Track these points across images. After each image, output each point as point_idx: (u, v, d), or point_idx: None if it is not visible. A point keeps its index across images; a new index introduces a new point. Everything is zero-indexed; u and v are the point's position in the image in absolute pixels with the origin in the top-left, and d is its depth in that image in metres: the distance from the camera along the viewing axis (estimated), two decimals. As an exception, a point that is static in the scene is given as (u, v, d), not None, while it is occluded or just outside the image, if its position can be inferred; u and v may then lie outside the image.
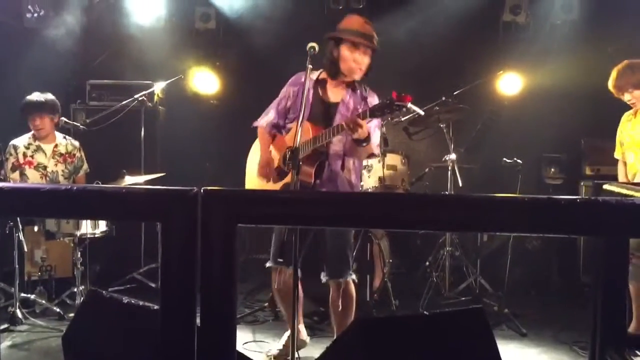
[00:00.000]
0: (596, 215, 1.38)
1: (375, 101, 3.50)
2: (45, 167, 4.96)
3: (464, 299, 4.98)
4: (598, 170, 5.61)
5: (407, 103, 3.04)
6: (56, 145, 5.02)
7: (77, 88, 5.95)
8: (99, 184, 4.31)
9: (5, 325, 4.21)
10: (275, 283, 3.65)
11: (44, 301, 4.56)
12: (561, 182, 5.89)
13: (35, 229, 4.64)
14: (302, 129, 3.13)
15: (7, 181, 4.62)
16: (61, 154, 5.03)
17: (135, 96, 5.38)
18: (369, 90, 3.61)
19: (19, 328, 4.25)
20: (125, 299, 1.94)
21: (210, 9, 6.22)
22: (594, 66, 5.50)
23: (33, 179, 4.90)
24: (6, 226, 4.26)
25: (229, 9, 6.16)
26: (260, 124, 3.70)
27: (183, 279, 1.39)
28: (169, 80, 5.63)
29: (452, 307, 4.45)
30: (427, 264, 5.39)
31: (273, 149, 3.64)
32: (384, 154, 4.63)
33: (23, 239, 4.30)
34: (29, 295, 4.54)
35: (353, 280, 3.63)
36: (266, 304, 4.71)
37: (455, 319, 1.93)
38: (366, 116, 3.16)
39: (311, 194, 2.11)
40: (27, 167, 4.92)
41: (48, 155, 4.98)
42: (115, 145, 5.51)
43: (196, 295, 1.39)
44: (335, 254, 3.53)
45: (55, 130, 5.05)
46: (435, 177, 5.46)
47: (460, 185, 4.88)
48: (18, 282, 4.29)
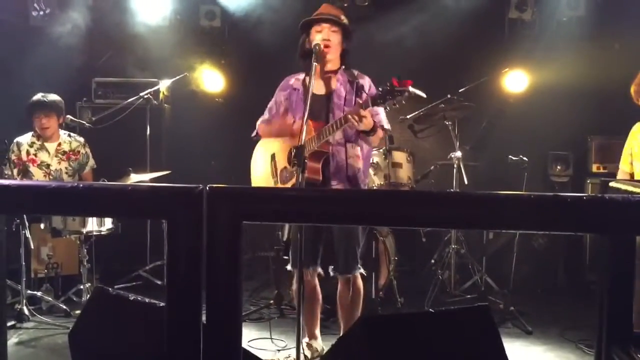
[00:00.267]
0: (602, 213, 1.37)
1: (366, 81, 3.56)
2: (48, 166, 4.97)
3: (469, 296, 4.97)
4: (604, 167, 5.60)
5: (409, 87, 3.04)
6: (59, 144, 5.03)
7: (83, 86, 5.95)
8: (104, 181, 4.32)
9: (12, 323, 4.22)
10: (294, 285, 3.67)
11: (50, 298, 4.58)
12: (567, 180, 5.88)
13: (42, 226, 4.65)
14: (306, 127, 3.14)
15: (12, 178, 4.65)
16: (64, 152, 5.04)
17: (141, 94, 5.40)
18: (358, 73, 3.61)
19: (25, 325, 4.27)
20: (131, 296, 1.95)
21: (215, 7, 6.23)
22: (601, 63, 5.49)
23: (37, 176, 4.92)
24: (12, 224, 4.27)
25: (234, 7, 6.16)
26: (258, 131, 3.77)
27: (189, 276, 1.40)
28: (175, 78, 5.65)
29: (458, 305, 4.44)
30: (433, 261, 5.39)
31: (278, 150, 3.64)
32: (389, 151, 4.64)
33: (29, 236, 4.32)
34: (35, 292, 4.56)
35: (361, 274, 3.64)
36: (272, 302, 4.72)
37: (461, 317, 1.93)
38: (368, 105, 3.17)
39: (317, 191, 2.10)
40: (31, 165, 4.94)
41: (51, 154, 4.99)
42: (120, 143, 5.52)
43: (202, 293, 1.40)
44: (344, 250, 3.53)
45: (59, 130, 5.06)
46: (440, 175, 5.46)
47: (466, 182, 4.87)
48: (24, 280, 4.31)
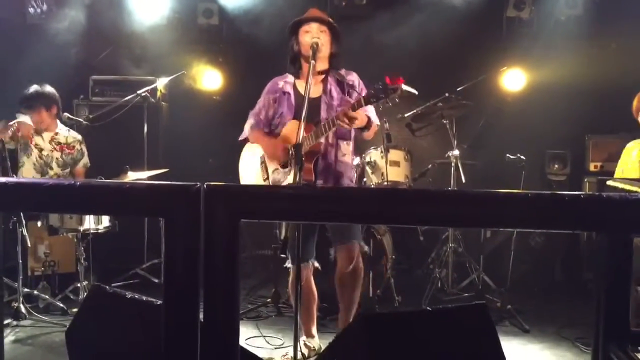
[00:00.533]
0: (600, 211, 1.37)
1: (355, 78, 3.61)
2: (41, 150, 4.98)
3: (466, 295, 4.98)
4: (602, 166, 5.60)
5: (401, 85, 3.05)
6: (56, 133, 5.04)
7: (80, 84, 5.94)
8: (101, 179, 4.31)
9: (8, 320, 4.21)
10: (291, 282, 3.67)
11: (47, 296, 4.57)
12: (565, 179, 5.88)
13: (39, 224, 4.64)
14: (294, 127, 3.18)
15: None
16: (59, 143, 5.04)
17: (138, 92, 5.38)
18: (345, 71, 3.64)
19: (22, 323, 4.26)
20: (129, 294, 1.94)
21: (213, 5, 6.22)
22: (598, 62, 5.49)
23: (33, 155, 4.94)
24: (9, 221, 4.26)
25: (232, 5, 6.15)
26: (245, 134, 3.79)
27: (186, 275, 1.39)
28: (172, 76, 5.64)
29: (455, 304, 4.45)
30: (430, 260, 5.40)
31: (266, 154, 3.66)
32: (387, 150, 4.63)
33: (26, 234, 4.30)
34: (32, 290, 4.56)
35: (366, 253, 3.61)
36: (269, 300, 4.72)
37: (459, 315, 1.93)
38: (361, 105, 3.19)
39: (314, 189, 2.10)
40: (30, 143, 4.94)
41: (45, 140, 5.00)
42: (118, 141, 5.51)
43: (199, 291, 1.40)
44: (341, 225, 3.51)
45: (57, 122, 5.06)
46: (438, 173, 5.45)
47: (464, 181, 4.87)
48: (21, 278, 4.30)
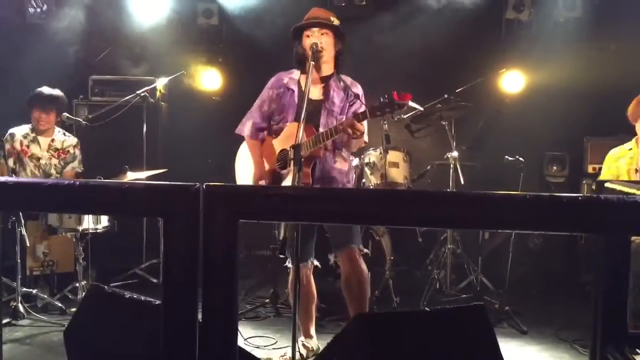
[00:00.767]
0: (598, 213, 1.38)
1: (358, 89, 3.58)
2: (38, 159, 4.98)
3: (465, 296, 4.98)
4: (600, 168, 5.60)
5: (408, 101, 3.10)
6: (53, 140, 5.04)
7: (80, 83, 5.94)
8: (101, 179, 4.31)
9: (7, 320, 4.21)
10: (290, 282, 3.67)
11: (45, 296, 4.57)
12: (563, 180, 5.89)
13: (38, 224, 4.64)
14: (293, 131, 3.17)
15: (7, 168, 4.70)
16: (56, 149, 5.05)
17: (138, 92, 5.39)
18: (351, 81, 3.62)
19: (20, 323, 4.26)
20: (127, 294, 1.94)
21: (213, 5, 6.23)
22: (597, 64, 5.50)
23: (29, 167, 4.93)
24: (8, 221, 4.26)
25: (231, 5, 6.16)
26: (244, 132, 3.72)
27: (185, 275, 1.40)
28: (171, 76, 5.64)
29: (454, 305, 4.44)
30: (429, 261, 5.39)
31: (264, 159, 3.65)
32: (386, 151, 4.63)
33: (25, 233, 4.31)
34: (31, 290, 4.55)
35: (367, 254, 3.61)
36: (267, 300, 4.72)
37: (457, 316, 1.93)
38: (366, 117, 3.20)
39: (313, 190, 2.11)
40: (24, 157, 4.95)
41: (43, 148, 5.00)
42: (117, 141, 5.52)
43: (198, 291, 1.40)
44: (339, 227, 3.51)
45: (55, 126, 5.06)
46: (437, 175, 5.45)
47: (462, 182, 4.87)
48: (20, 277, 4.29)
